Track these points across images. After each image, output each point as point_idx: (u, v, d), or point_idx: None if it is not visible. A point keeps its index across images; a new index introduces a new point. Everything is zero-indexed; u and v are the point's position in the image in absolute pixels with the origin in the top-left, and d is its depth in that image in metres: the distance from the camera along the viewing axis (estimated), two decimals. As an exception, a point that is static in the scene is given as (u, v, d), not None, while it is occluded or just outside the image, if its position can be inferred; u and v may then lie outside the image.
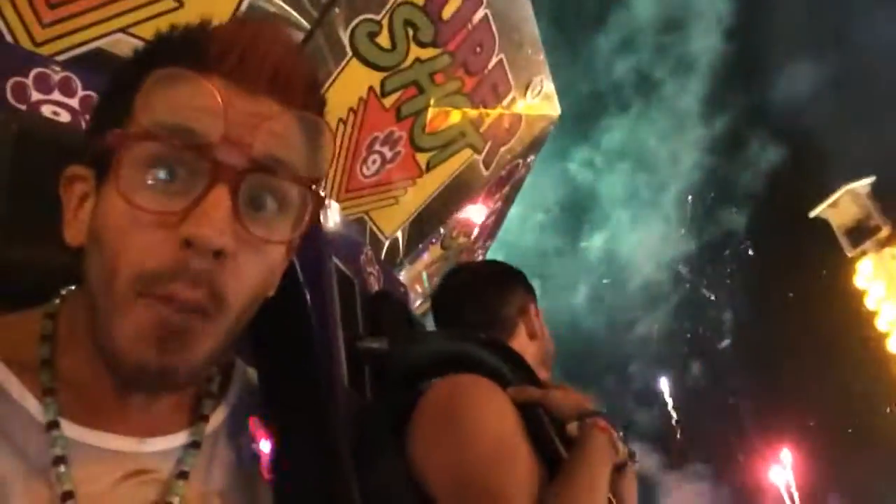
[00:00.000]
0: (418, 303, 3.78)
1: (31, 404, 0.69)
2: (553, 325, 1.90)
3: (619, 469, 1.49)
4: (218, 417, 0.80)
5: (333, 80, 2.24)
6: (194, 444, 0.76)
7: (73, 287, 0.77)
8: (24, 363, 0.71)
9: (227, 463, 0.77)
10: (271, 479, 0.76)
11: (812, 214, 14.70)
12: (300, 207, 0.71)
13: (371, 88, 2.40)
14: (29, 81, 1.26)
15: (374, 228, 2.78)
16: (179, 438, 0.75)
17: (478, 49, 2.77)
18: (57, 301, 0.77)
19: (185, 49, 0.69)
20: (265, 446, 0.78)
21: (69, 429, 0.69)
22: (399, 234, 2.96)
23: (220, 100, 0.66)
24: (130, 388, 0.72)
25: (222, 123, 0.65)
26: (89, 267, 0.69)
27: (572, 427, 1.44)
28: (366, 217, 2.72)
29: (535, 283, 1.93)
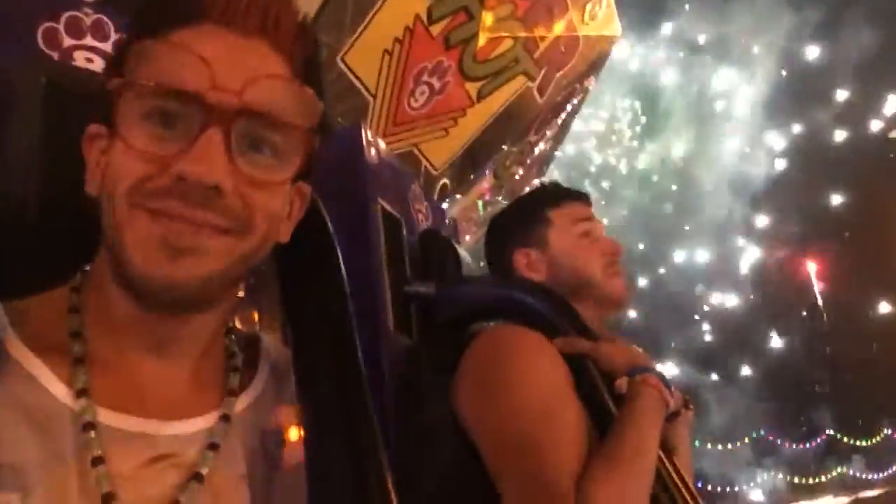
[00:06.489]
0: (473, 230, 3.74)
1: (57, 388, 0.69)
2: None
3: (671, 418, 1.45)
4: (244, 401, 0.79)
5: (379, 9, 2.14)
6: (224, 419, 0.75)
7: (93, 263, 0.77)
8: (50, 344, 0.71)
9: (251, 448, 0.77)
10: (304, 464, 0.75)
11: (892, 135, 13.90)
12: (293, 149, 0.73)
13: (418, 16, 2.29)
14: (60, 26, 1.22)
15: (424, 161, 2.72)
16: (204, 421, 0.74)
17: (532, -33, 2.60)
18: (79, 276, 0.76)
19: (178, 1, 0.72)
20: (290, 434, 0.76)
21: (95, 409, 0.69)
22: (450, 166, 2.89)
23: (209, 51, 0.68)
24: (154, 340, 0.73)
25: (213, 71, 0.67)
26: (102, 210, 0.71)
27: (621, 382, 1.39)
28: (415, 150, 2.65)
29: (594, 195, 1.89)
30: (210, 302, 0.74)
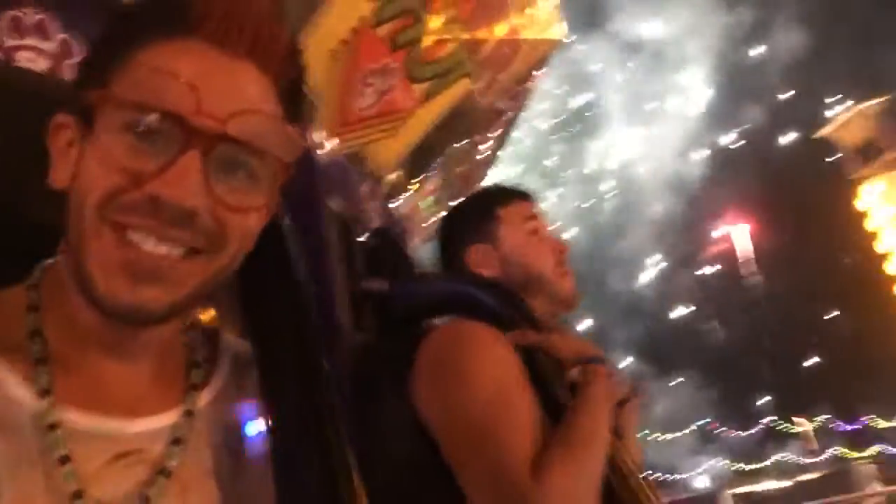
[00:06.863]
0: (419, 229, 3.76)
1: (19, 389, 0.68)
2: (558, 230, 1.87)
3: (620, 404, 1.50)
4: (207, 396, 0.79)
5: (325, 11, 2.16)
6: (188, 414, 0.75)
7: (51, 260, 0.76)
8: (9, 344, 0.70)
9: (216, 442, 0.77)
10: (270, 457, 0.76)
11: (820, 135, 14.52)
12: (270, 177, 0.72)
13: (364, 19, 2.31)
14: (2, 26, 1.20)
15: (373, 161, 2.73)
16: (168, 418, 0.75)
17: (475, -28, 2.65)
18: (38, 273, 0.76)
19: (170, 13, 0.70)
20: (255, 428, 0.77)
21: (58, 409, 0.68)
22: (398, 166, 2.91)
23: (197, 73, 0.67)
24: (114, 343, 0.72)
25: (199, 96, 0.66)
26: (69, 209, 0.70)
27: (573, 372, 1.44)
28: (363, 151, 2.67)
29: (538, 189, 1.94)
30: (175, 317, 0.74)
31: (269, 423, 0.78)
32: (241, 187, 0.70)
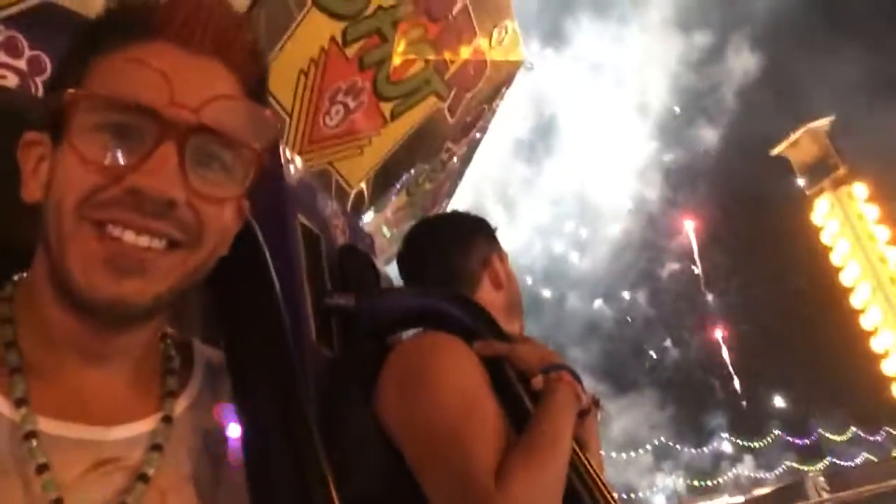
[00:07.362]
0: (385, 244, 3.77)
1: None
2: (515, 255, 1.95)
3: (582, 415, 1.54)
4: (183, 402, 0.80)
5: (294, 31, 2.18)
6: (166, 420, 0.77)
7: (24, 274, 0.77)
8: None
9: (194, 449, 0.78)
10: (243, 461, 0.77)
11: (773, 153, 14.96)
12: (243, 168, 0.74)
13: (332, 38, 2.35)
14: (-28, 43, 1.20)
15: (339, 179, 2.75)
16: (146, 424, 0.76)
17: (442, -6, 2.70)
18: (9, 287, 0.77)
19: (134, 19, 0.73)
20: (233, 431, 0.79)
21: (35, 418, 0.69)
22: (364, 185, 2.93)
23: (168, 67, 0.69)
24: (92, 348, 0.73)
25: (172, 88, 0.68)
26: (45, 219, 0.70)
27: (537, 380, 1.48)
28: (330, 168, 2.69)
29: (499, 212, 2.02)
30: (154, 316, 0.76)
31: (243, 428, 0.80)
32: (216, 179, 0.72)
